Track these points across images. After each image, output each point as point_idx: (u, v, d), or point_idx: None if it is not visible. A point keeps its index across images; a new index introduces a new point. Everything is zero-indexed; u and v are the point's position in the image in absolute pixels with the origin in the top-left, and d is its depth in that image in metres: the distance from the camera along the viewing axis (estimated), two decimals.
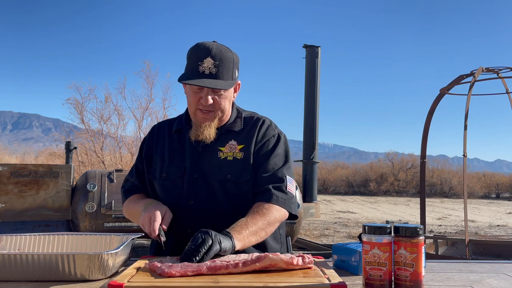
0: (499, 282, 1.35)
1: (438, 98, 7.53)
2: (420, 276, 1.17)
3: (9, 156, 24.97)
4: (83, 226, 5.15)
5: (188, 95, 1.76)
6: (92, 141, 14.55)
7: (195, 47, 1.71)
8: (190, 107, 1.76)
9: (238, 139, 1.78)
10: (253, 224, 1.58)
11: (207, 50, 1.67)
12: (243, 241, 1.52)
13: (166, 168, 1.80)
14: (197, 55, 1.68)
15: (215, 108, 1.72)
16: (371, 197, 32.61)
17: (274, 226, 1.67)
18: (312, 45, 10.47)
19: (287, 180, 1.75)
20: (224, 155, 1.75)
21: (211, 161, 1.75)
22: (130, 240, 1.46)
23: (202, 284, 1.17)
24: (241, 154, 1.75)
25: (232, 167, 1.73)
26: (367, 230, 1.20)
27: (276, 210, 1.67)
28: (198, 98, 1.71)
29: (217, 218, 1.70)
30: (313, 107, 10.26)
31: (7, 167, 5.17)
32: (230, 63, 1.71)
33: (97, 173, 5.53)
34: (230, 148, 1.76)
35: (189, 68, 1.69)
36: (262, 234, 1.61)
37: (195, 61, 1.68)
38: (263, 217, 1.62)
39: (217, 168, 1.73)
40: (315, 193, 10.12)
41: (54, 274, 1.25)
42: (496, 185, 37.88)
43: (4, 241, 1.53)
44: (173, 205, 1.74)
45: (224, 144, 1.76)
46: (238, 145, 1.77)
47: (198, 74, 1.66)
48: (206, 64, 1.66)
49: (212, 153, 1.75)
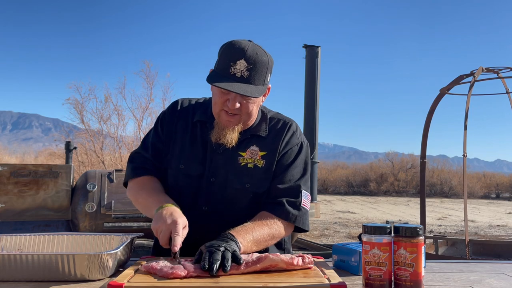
0: (499, 282, 1.35)
1: (438, 98, 7.53)
2: (420, 276, 1.17)
3: (9, 156, 24.96)
4: (83, 226, 5.15)
5: (214, 94, 1.64)
6: (92, 141, 14.55)
7: (229, 45, 1.58)
8: (215, 107, 1.63)
9: (260, 144, 1.67)
10: (258, 233, 1.52)
11: (241, 51, 1.54)
12: (246, 247, 1.45)
13: (185, 161, 1.68)
14: (230, 54, 1.55)
15: (241, 112, 1.60)
16: (371, 197, 32.61)
17: (276, 240, 1.61)
18: (312, 45, 10.48)
19: (302, 196, 1.66)
20: (245, 161, 1.65)
21: (230, 166, 1.64)
22: (130, 240, 1.46)
23: (202, 284, 1.17)
24: (262, 162, 1.65)
25: (252, 176, 1.64)
26: (367, 230, 1.20)
27: (285, 226, 1.62)
28: (224, 99, 1.59)
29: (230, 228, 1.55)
30: (313, 107, 10.26)
31: (7, 167, 5.17)
32: (264, 68, 1.58)
33: (97, 173, 5.52)
34: (251, 154, 1.65)
35: (220, 68, 1.56)
36: (263, 245, 1.55)
37: (227, 61, 1.55)
38: (270, 229, 1.56)
39: (236, 175, 1.64)
40: (315, 193, 10.12)
41: (54, 274, 1.25)
42: (496, 185, 37.88)
43: (4, 241, 1.53)
44: (186, 206, 1.60)
45: (245, 149, 1.66)
46: (260, 151, 1.66)
47: (229, 76, 1.53)
48: (239, 67, 1.53)
49: (232, 158, 1.65)
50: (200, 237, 1.54)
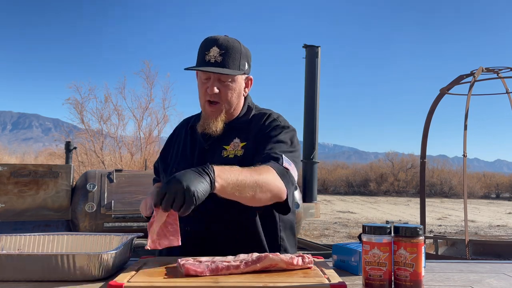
0: (499, 282, 1.35)
1: (438, 98, 7.53)
2: (420, 276, 1.17)
3: (9, 156, 24.97)
4: (83, 226, 5.15)
5: (198, 87, 1.77)
6: (92, 141, 14.56)
7: (204, 39, 1.73)
8: (200, 100, 1.77)
9: (242, 136, 1.75)
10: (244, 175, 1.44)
11: (214, 40, 1.69)
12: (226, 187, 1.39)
13: (177, 165, 1.81)
14: (205, 45, 1.70)
15: (221, 99, 1.72)
16: (371, 197, 32.61)
17: (263, 192, 1.48)
18: (312, 45, 10.48)
19: (283, 159, 1.61)
20: (227, 153, 1.72)
21: (215, 159, 1.72)
22: (130, 240, 1.46)
23: (202, 284, 1.17)
24: (241, 151, 1.72)
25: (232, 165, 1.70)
26: (367, 230, 1.20)
27: (272, 174, 1.52)
28: (205, 88, 1.72)
29: (215, 219, 1.67)
30: (313, 107, 10.27)
31: (7, 167, 5.17)
32: (237, 53, 1.70)
33: (97, 173, 5.52)
34: (233, 147, 1.73)
35: (197, 59, 1.72)
36: (248, 192, 1.45)
37: (202, 51, 1.70)
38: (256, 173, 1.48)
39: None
40: (315, 193, 10.12)
41: (54, 274, 1.25)
42: (496, 185, 37.89)
43: (4, 241, 1.53)
44: None
45: (229, 142, 1.74)
46: (241, 142, 1.74)
47: (204, 63, 1.68)
48: (212, 53, 1.67)
49: (216, 151, 1.74)
50: (190, 229, 1.63)
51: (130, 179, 5.54)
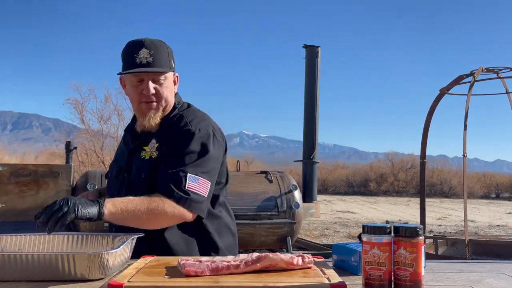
0: (499, 282, 1.35)
1: (438, 98, 7.53)
2: (419, 276, 1.17)
3: (9, 156, 24.97)
4: (83, 226, 5.14)
5: (130, 92, 1.79)
6: (92, 141, 14.56)
7: (128, 43, 1.76)
8: (134, 103, 1.79)
9: (158, 138, 1.78)
10: (134, 204, 1.56)
11: (139, 42, 1.72)
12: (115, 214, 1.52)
13: (111, 168, 1.93)
14: (131, 49, 1.72)
15: (158, 98, 1.76)
16: (371, 197, 32.62)
17: (160, 219, 1.60)
18: (312, 45, 10.48)
19: (188, 179, 1.63)
20: (144, 154, 1.77)
21: (135, 161, 1.79)
22: (130, 240, 1.46)
23: (202, 284, 1.17)
24: (156, 153, 1.75)
25: (147, 167, 1.74)
26: (367, 230, 1.20)
27: (168, 204, 1.60)
28: (140, 90, 1.74)
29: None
30: (313, 107, 10.27)
31: (7, 167, 5.17)
32: (165, 53, 1.75)
33: (97, 173, 5.52)
34: (150, 147, 1.77)
35: (126, 63, 1.73)
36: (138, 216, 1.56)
37: (130, 54, 1.71)
38: (150, 203, 1.58)
39: (137, 168, 1.77)
40: (315, 193, 10.12)
41: (54, 274, 1.25)
42: (496, 185, 37.90)
43: (4, 241, 1.53)
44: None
45: (147, 143, 1.79)
46: (156, 143, 1.77)
47: (135, 65, 1.70)
48: (142, 55, 1.69)
49: (137, 153, 1.79)
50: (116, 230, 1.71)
51: None
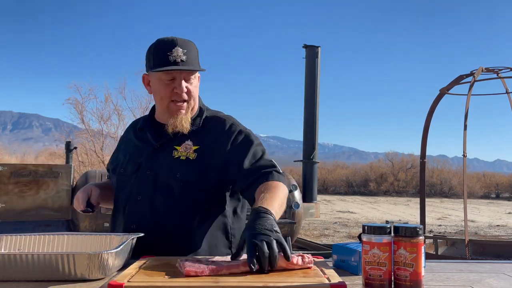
0: (499, 282, 1.35)
1: (438, 98, 7.53)
2: (419, 276, 1.17)
3: (9, 156, 24.97)
4: (83, 226, 5.15)
5: (158, 90, 1.76)
6: (92, 141, 14.56)
7: (157, 42, 1.74)
8: (163, 102, 1.76)
9: (194, 139, 1.77)
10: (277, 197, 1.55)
11: (172, 41, 1.70)
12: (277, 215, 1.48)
13: (124, 164, 1.85)
14: (163, 47, 1.70)
15: (189, 97, 1.75)
16: (371, 197, 32.63)
17: (285, 203, 1.62)
18: (312, 45, 10.48)
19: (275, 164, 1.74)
20: (178, 154, 1.74)
21: (165, 159, 1.75)
22: (130, 240, 1.46)
23: (202, 284, 1.17)
24: (194, 154, 1.73)
25: (183, 167, 1.73)
26: (367, 230, 1.20)
27: (282, 187, 1.65)
28: (171, 89, 1.72)
29: (160, 216, 1.71)
30: (313, 107, 10.27)
31: (7, 167, 5.17)
32: (195, 52, 1.76)
33: (97, 173, 5.52)
34: (185, 148, 1.75)
35: (158, 60, 1.70)
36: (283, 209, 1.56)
37: (162, 52, 1.69)
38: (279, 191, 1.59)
39: (169, 167, 1.74)
40: (315, 193, 10.12)
41: (54, 274, 1.25)
42: (496, 185, 37.92)
43: (4, 241, 1.53)
44: (124, 200, 1.79)
45: (180, 143, 1.76)
46: (193, 145, 1.76)
47: (169, 63, 1.68)
48: (176, 53, 1.68)
49: (167, 151, 1.76)
50: (136, 226, 1.70)
51: None
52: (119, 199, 1.84)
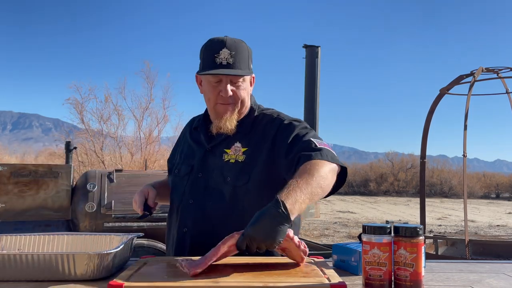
0: (499, 282, 1.35)
1: (438, 98, 7.53)
2: (420, 276, 1.17)
3: (9, 156, 24.96)
4: (83, 226, 5.14)
5: (206, 91, 1.74)
6: (92, 141, 14.55)
7: (208, 42, 1.71)
8: (210, 103, 1.74)
9: (243, 141, 1.73)
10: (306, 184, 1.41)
11: (221, 42, 1.67)
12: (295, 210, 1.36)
13: (179, 165, 1.84)
14: (212, 48, 1.67)
15: (235, 100, 1.71)
16: (371, 197, 32.63)
17: (329, 179, 1.50)
18: (312, 45, 10.49)
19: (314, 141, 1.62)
20: (228, 157, 1.71)
21: (216, 162, 1.72)
22: (130, 240, 1.46)
23: (202, 284, 1.17)
24: (243, 157, 1.70)
25: (232, 170, 1.69)
26: (367, 230, 1.20)
27: (323, 163, 1.52)
28: (217, 91, 1.69)
29: (211, 220, 1.67)
30: (313, 107, 10.27)
31: (7, 167, 5.17)
32: (246, 53, 1.71)
33: (97, 173, 5.52)
34: (234, 151, 1.72)
35: (206, 62, 1.68)
36: (318, 191, 1.44)
37: (210, 54, 1.66)
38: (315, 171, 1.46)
39: (219, 170, 1.70)
40: None
41: (54, 274, 1.25)
42: (496, 185, 37.91)
43: (4, 241, 1.53)
44: (177, 201, 1.77)
45: (230, 146, 1.73)
46: (242, 147, 1.72)
47: (215, 65, 1.65)
48: (223, 55, 1.65)
49: (218, 154, 1.73)
50: (188, 230, 1.68)
51: (130, 179, 5.53)
52: (174, 200, 1.82)
